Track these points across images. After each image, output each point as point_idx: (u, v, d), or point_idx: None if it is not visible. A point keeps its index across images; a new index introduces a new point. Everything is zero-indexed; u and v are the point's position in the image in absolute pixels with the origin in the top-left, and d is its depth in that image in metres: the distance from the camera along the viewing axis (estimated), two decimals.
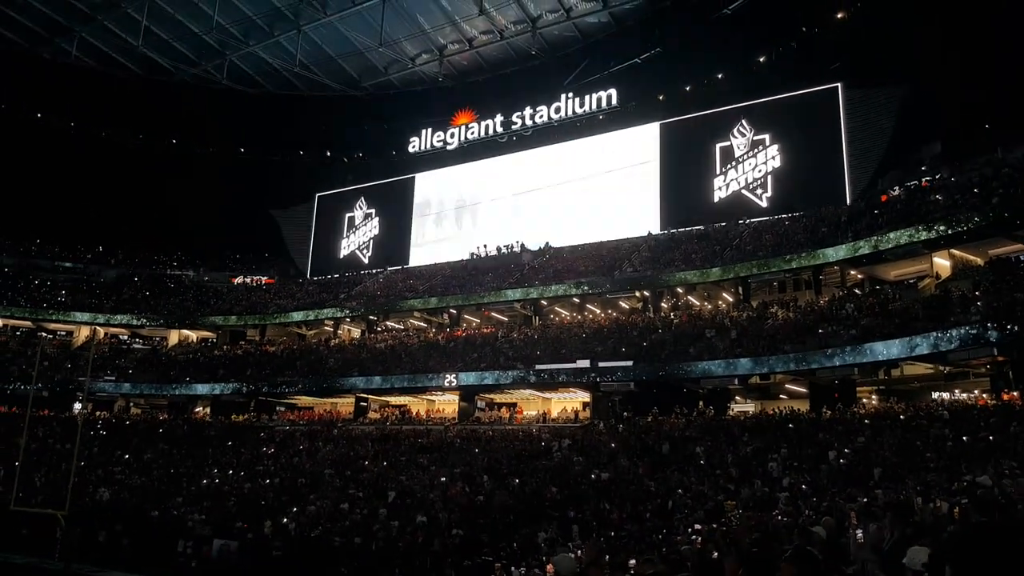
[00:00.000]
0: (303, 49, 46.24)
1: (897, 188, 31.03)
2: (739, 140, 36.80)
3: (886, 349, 23.00)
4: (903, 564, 4.06)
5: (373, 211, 49.76)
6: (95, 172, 50.28)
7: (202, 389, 39.26)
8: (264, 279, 50.64)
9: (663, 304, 34.16)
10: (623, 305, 36.58)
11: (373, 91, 51.36)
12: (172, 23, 44.94)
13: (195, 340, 47.15)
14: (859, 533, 7.71)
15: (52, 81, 48.28)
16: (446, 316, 40.19)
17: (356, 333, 43.65)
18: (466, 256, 43.24)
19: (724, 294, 34.78)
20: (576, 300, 36.41)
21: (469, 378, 32.25)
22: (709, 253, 33.28)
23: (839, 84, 34.86)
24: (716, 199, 37.13)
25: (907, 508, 7.71)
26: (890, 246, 26.93)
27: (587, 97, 42.07)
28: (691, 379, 27.82)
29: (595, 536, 17.60)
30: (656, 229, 38.59)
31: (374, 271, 47.42)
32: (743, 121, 36.76)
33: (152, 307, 46.29)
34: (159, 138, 52.49)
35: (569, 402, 33.69)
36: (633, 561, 9.60)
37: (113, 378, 40.87)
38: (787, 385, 28.77)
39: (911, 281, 28.92)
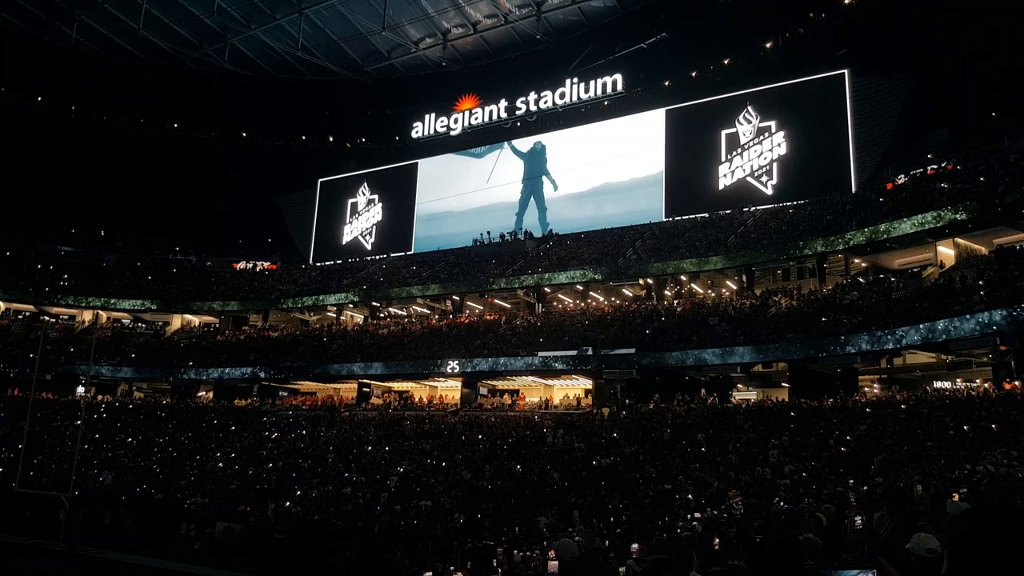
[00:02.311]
0: (305, 32, 45.90)
1: (903, 176, 30.83)
2: (745, 127, 36.54)
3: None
4: (905, 550, 4.05)
5: (376, 197, 49.61)
6: (96, 157, 50.19)
7: (205, 374, 39.42)
8: (266, 265, 50.63)
9: (667, 292, 34.12)
10: (627, 292, 36.52)
11: (376, 76, 51.06)
12: (173, 5, 44.61)
13: (197, 325, 47.27)
14: (858, 520, 7.74)
15: (52, 65, 48.05)
16: (449, 302, 40.20)
17: (359, 319, 43.68)
18: (469, 243, 43.16)
19: (728, 282, 34.70)
20: (579, 287, 36.37)
21: (472, 364, 32.28)
22: (713, 241, 33.17)
23: (846, 71, 34.59)
24: (721, 186, 36.93)
25: (904, 496, 7.71)
26: (895, 234, 26.82)
27: (592, 83, 41.73)
28: (694, 367, 27.83)
29: (595, 522, 17.69)
30: (661, 216, 38.47)
31: (377, 257, 47.39)
32: (749, 108, 36.48)
33: (154, 292, 46.34)
34: (160, 123, 52.34)
35: (571, 389, 33.72)
36: (635, 546, 9.60)
37: (115, 362, 41.06)
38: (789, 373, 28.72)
39: (915, 270, 28.79)
